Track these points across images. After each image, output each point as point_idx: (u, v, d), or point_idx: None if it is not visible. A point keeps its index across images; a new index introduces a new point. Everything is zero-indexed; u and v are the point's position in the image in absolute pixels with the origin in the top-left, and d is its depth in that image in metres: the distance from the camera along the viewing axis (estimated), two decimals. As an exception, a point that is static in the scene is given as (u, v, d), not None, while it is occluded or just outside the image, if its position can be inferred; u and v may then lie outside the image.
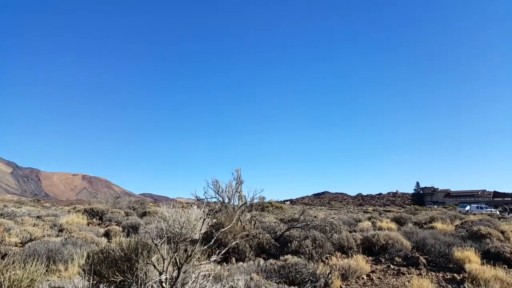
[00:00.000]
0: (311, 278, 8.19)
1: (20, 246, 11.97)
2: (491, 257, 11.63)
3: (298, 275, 8.28)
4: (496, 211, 56.30)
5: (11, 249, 10.67)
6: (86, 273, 5.69)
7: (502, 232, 15.81)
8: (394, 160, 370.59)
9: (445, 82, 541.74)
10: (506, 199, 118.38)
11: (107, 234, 15.39)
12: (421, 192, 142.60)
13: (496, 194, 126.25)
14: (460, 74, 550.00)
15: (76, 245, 10.47)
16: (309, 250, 12.10)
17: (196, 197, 14.57)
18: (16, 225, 16.19)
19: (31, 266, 5.53)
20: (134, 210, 29.06)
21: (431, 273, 10.52)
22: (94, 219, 22.22)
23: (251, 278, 7.71)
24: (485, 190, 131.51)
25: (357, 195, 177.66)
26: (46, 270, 7.17)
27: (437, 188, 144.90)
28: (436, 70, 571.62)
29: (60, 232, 15.23)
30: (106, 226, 18.86)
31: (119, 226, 17.88)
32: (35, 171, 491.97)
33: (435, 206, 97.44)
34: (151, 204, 43.16)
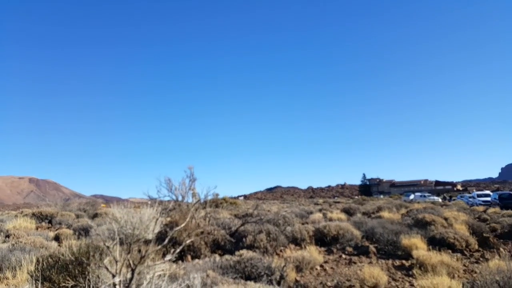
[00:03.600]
0: (266, 272, 8.28)
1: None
2: (436, 243, 12.28)
3: (253, 270, 8.34)
4: (438, 199, 58.96)
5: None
6: (36, 279, 5.50)
7: (445, 219, 16.64)
8: (342, 153, 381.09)
9: (390, 82, 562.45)
10: (447, 187, 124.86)
11: (57, 238, 14.85)
12: (367, 183, 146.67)
13: (437, 182, 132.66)
14: (408, 72, 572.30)
15: (25, 250, 10.01)
16: (263, 244, 12.22)
17: (149, 196, 14.34)
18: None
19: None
20: (84, 212, 28.05)
21: (381, 261, 10.95)
22: (43, 223, 21.32)
23: (207, 275, 7.69)
24: (427, 179, 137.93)
25: (308, 188, 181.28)
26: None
27: (383, 179, 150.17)
28: (381, 69, 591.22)
29: (7, 238, 14.49)
30: (56, 230, 18.20)
31: (69, 229, 17.32)
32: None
33: (381, 196, 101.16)
34: (102, 205, 41.91)
